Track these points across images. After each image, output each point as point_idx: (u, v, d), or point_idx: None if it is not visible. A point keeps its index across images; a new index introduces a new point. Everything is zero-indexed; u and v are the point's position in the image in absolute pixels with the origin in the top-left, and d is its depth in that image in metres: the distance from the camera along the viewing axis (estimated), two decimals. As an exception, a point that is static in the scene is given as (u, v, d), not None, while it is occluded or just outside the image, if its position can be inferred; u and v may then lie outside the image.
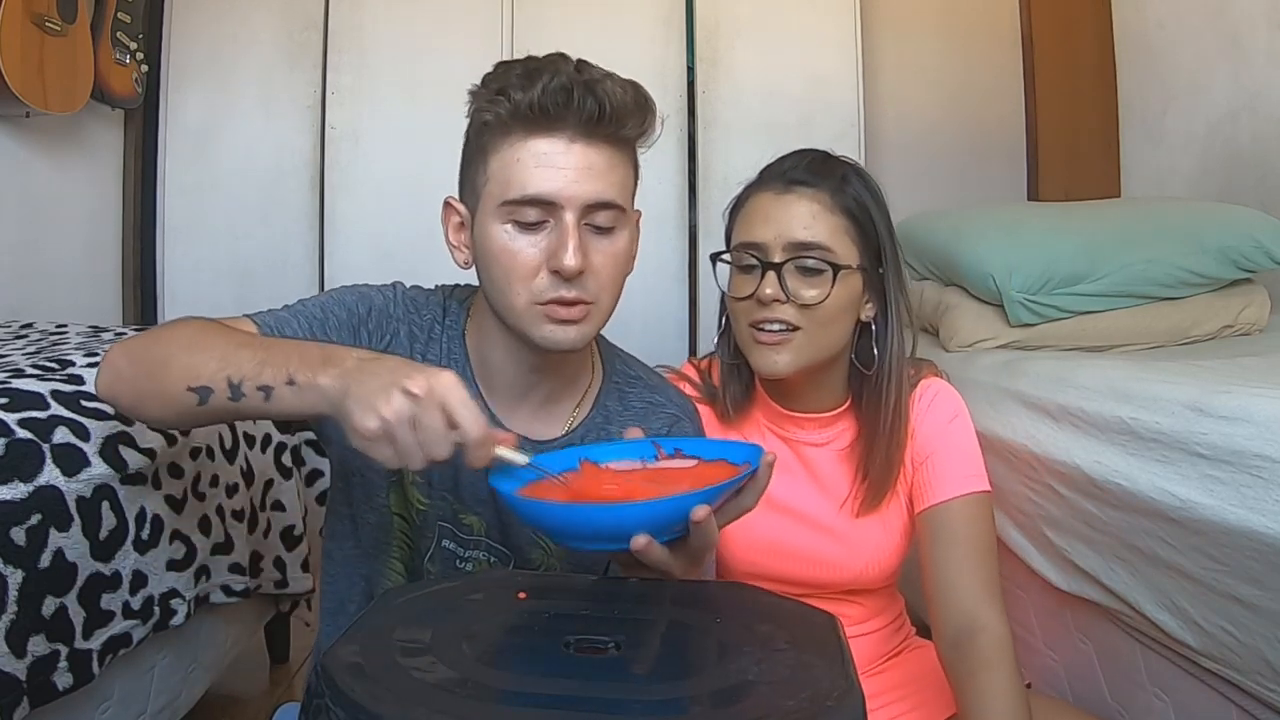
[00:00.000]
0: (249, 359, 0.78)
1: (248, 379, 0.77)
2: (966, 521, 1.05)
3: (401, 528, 0.98)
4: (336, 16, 2.67)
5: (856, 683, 0.61)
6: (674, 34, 2.74)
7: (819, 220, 1.04)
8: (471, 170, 0.91)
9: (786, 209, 1.05)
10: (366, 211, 2.63)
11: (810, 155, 1.09)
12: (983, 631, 0.97)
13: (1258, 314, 1.64)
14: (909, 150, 2.86)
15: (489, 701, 0.58)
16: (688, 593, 0.78)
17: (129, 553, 1.06)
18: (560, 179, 0.85)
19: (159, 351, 0.83)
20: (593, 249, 0.88)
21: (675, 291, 2.73)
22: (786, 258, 1.03)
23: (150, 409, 0.85)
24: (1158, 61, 2.45)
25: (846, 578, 1.12)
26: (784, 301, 1.03)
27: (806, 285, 1.03)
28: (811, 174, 1.06)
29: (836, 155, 1.11)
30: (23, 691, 0.90)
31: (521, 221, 0.86)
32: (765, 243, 1.04)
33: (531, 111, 0.84)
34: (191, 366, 0.79)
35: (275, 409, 0.78)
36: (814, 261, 1.03)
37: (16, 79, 1.90)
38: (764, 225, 1.05)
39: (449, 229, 0.95)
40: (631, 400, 1.03)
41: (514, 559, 0.98)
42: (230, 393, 0.78)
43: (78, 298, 2.40)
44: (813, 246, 1.03)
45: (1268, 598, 0.91)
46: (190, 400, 0.79)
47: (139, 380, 0.84)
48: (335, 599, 1.02)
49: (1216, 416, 0.98)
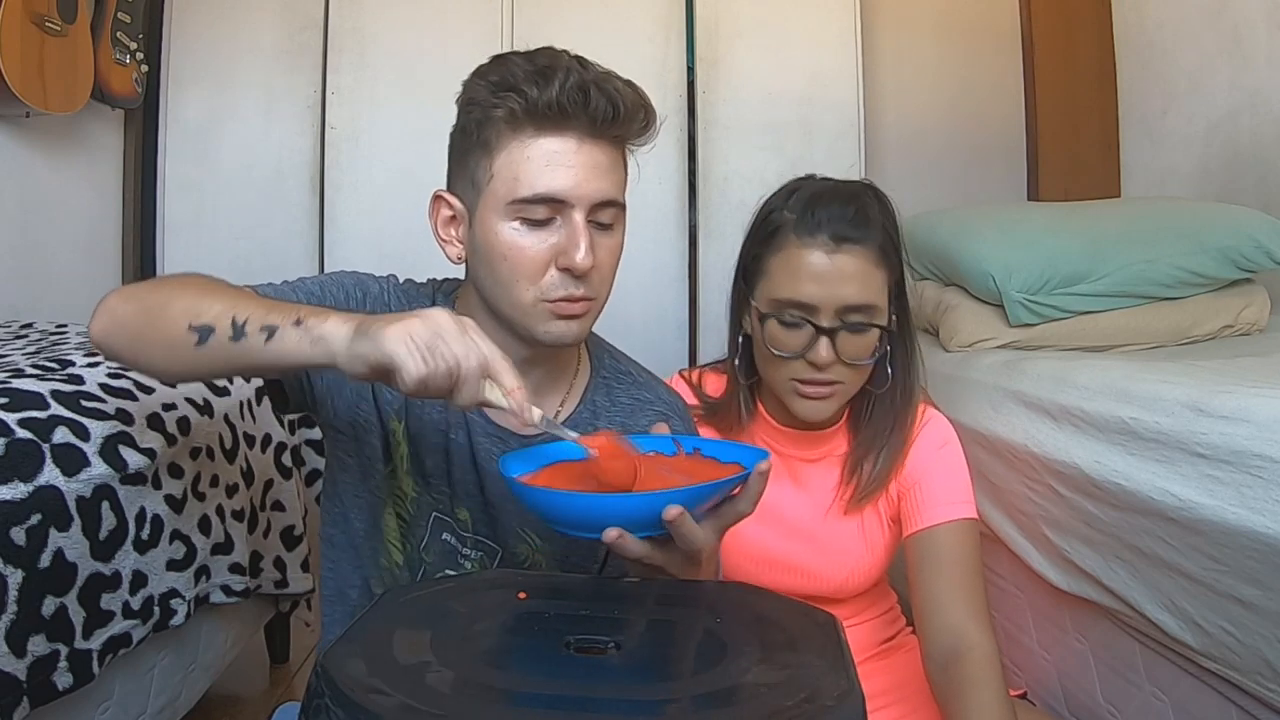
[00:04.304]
0: (255, 304, 0.78)
1: (252, 318, 0.76)
2: (953, 546, 1.05)
3: (397, 512, 0.98)
4: (336, 16, 2.67)
5: (856, 683, 0.61)
6: (674, 34, 2.74)
7: (869, 281, 1.03)
8: (470, 164, 0.89)
9: (838, 271, 1.02)
10: (366, 211, 2.63)
11: (853, 203, 1.05)
12: (970, 650, 0.97)
13: (1258, 314, 1.64)
14: (909, 150, 2.85)
15: (489, 701, 0.58)
16: (688, 593, 0.78)
17: (129, 553, 1.06)
18: (571, 178, 0.85)
19: (161, 295, 0.82)
20: (598, 246, 0.88)
21: (675, 291, 2.73)
22: (838, 322, 1.02)
23: (147, 352, 0.83)
24: (1158, 61, 2.46)
25: (828, 589, 1.13)
26: (836, 363, 1.03)
27: (855, 345, 1.03)
28: (857, 228, 1.03)
29: (862, 186, 1.08)
30: (23, 691, 0.90)
31: (530, 219, 0.86)
32: (816, 305, 1.02)
33: (549, 110, 0.83)
34: (194, 306, 0.78)
35: (277, 352, 0.75)
36: (862, 319, 1.03)
37: (16, 79, 1.90)
38: (814, 286, 1.02)
39: (437, 222, 0.94)
40: (619, 396, 1.02)
41: (501, 553, 0.98)
42: (232, 331, 0.76)
43: (78, 298, 2.39)
44: (863, 309, 1.03)
45: (1267, 598, 0.91)
46: (190, 340, 0.78)
47: (137, 323, 0.82)
48: (335, 588, 1.03)
49: (1216, 416, 0.98)
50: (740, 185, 2.71)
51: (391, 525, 0.98)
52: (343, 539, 1.01)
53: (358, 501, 0.98)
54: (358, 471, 0.97)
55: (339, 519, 1.01)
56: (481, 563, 0.99)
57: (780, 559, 1.13)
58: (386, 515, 0.98)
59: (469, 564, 0.99)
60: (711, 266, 2.70)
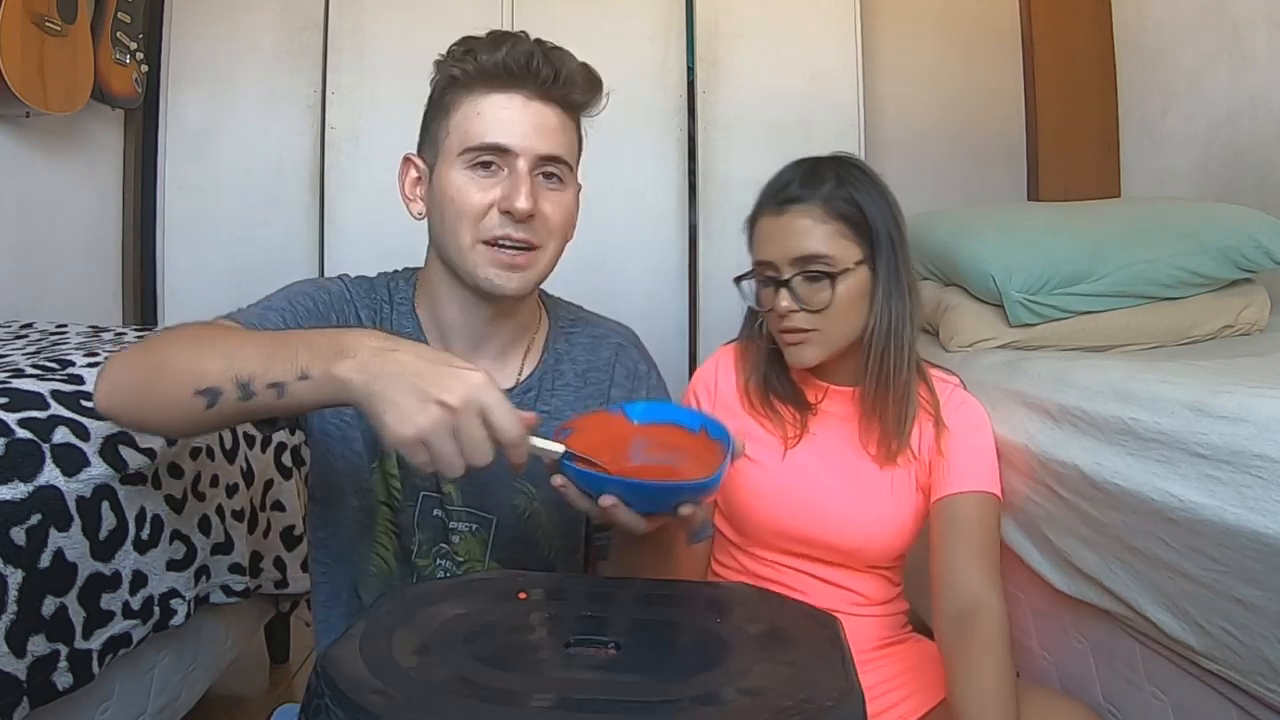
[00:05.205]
0: (253, 354, 0.76)
1: (257, 376, 0.75)
2: (976, 515, 1.15)
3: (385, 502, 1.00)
4: (336, 16, 2.67)
5: (857, 683, 0.61)
6: (674, 34, 2.74)
7: (813, 233, 1.15)
8: (434, 126, 0.98)
9: (784, 228, 1.16)
10: (366, 211, 2.63)
11: (802, 168, 1.19)
12: (983, 609, 1.05)
13: (1258, 314, 1.64)
14: (909, 150, 2.85)
15: (489, 701, 0.58)
16: (688, 593, 0.78)
17: (129, 553, 1.06)
18: (516, 131, 0.93)
19: (157, 357, 0.81)
20: (542, 197, 0.94)
21: (675, 291, 2.73)
22: (793, 272, 1.15)
23: (156, 418, 0.83)
24: (1158, 61, 2.45)
25: (852, 542, 1.19)
26: (797, 310, 1.15)
27: (813, 292, 1.15)
28: (802, 188, 1.16)
29: (827, 157, 1.21)
30: (23, 691, 0.90)
31: (477, 165, 0.93)
32: (774, 261, 1.16)
33: (496, 70, 0.93)
34: (195, 368, 0.77)
35: (290, 405, 0.76)
36: (816, 270, 1.14)
37: (16, 79, 1.90)
38: (769, 245, 1.17)
39: (405, 183, 1.02)
40: (577, 338, 1.09)
41: (496, 519, 1.01)
42: (240, 393, 0.75)
43: (78, 298, 2.39)
44: (812, 258, 1.14)
45: (1267, 598, 0.91)
46: (198, 405, 0.77)
47: (140, 389, 0.81)
48: (329, 592, 1.03)
49: (1216, 416, 0.98)
50: (740, 185, 2.71)
51: (381, 519, 1.00)
52: (334, 540, 1.02)
53: (347, 499, 1.00)
54: (346, 471, 0.99)
55: (329, 520, 1.02)
56: (474, 534, 1.01)
57: (809, 499, 1.20)
58: (377, 508, 0.99)
59: (457, 537, 1.01)
60: (712, 266, 2.70)
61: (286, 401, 0.75)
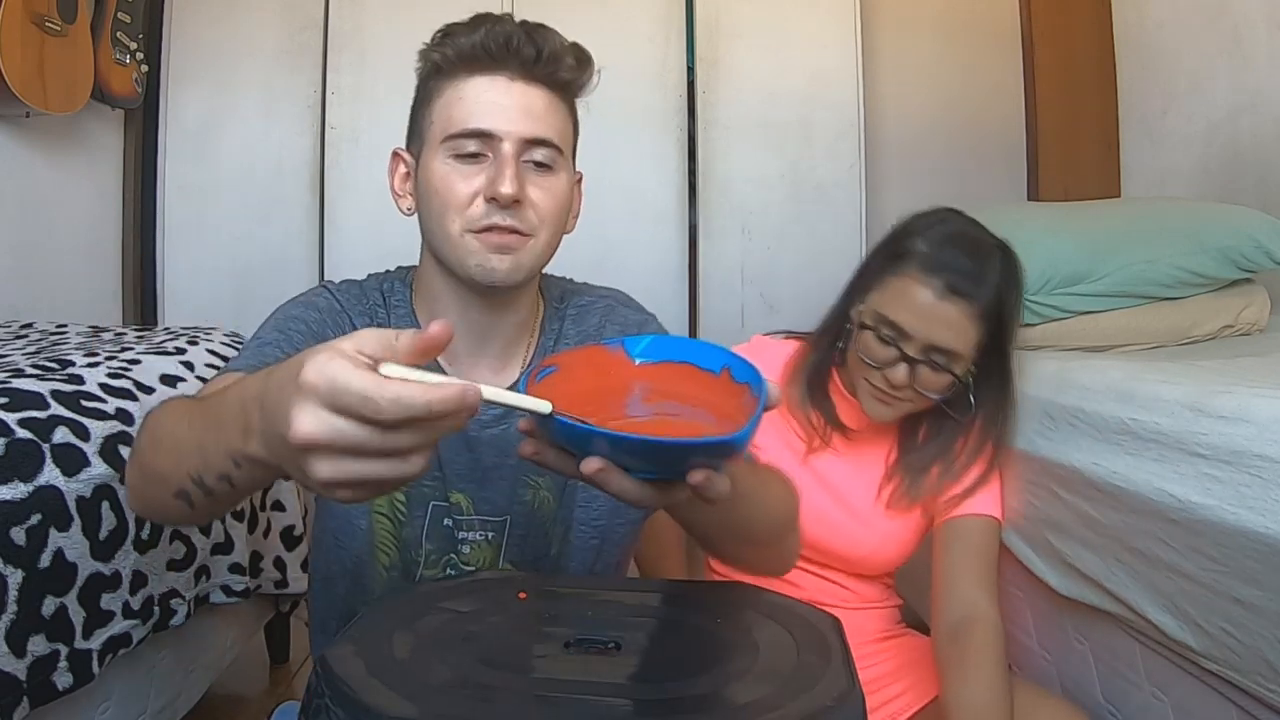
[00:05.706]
0: (191, 447, 0.66)
1: (205, 471, 0.65)
2: (978, 537, 1.20)
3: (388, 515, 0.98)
4: (336, 16, 2.67)
5: (857, 683, 0.61)
6: (674, 34, 2.74)
7: (963, 334, 1.12)
8: (418, 118, 0.95)
9: (939, 315, 1.11)
10: (366, 211, 2.63)
11: (977, 259, 1.13)
12: (980, 620, 1.08)
13: (1258, 314, 1.64)
14: (909, 150, 2.85)
15: (489, 701, 0.58)
16: (689, 593, 0.78)
17: (129, 553, 1.06)
18: (499, 114, 0.89)
19: (146, 459, 0.75)
20: (530, 183, 0.90)
21: (675, 291, 2.73)
22: (923, 357, 1.13)
23: (174, 521, 0.81)
24: (1158, 61, 2.45)
25: (855, 556, 1.22)
26: (909, 387, 1.14)
27: (932, 380, 1.14)
28: (972, 284, 1.11)
29: (995, 246, 1.16)
30: (23, 691, 0.90)
31: (461, 154, 0.90)
32: (909, 334, 1.12)
33: (476, 52, 0.89)
34: (164, 472, 0.70)
35: (250, 488, 0.67)
36: (944, 361, 1.13)
37: (16, 79, 1.90)
38: (915, 319, 1.12)
39: (395, 179, 0.99)
40: (567, 311, 1.05)
41: (509, 518, 0.97)
42: (200, 490, 0.67)
43: (78, 298, 2.39)
44: (950, 353, 1.13)
45: (1268, 598, 0.91)
46: (183, 508, 0.70)
47: (145, 500, 0.78)
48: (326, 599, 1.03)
49: (1216, 416, 0.98)
50: (740, 185, 2.72)
51: (382, 532, 0.98)
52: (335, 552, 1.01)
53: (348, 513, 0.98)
54: None
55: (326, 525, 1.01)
56: (489, 540, 0.98)
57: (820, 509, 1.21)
58: (376, 519, 0.98)
59: (468, 547, 0.98)
60: (712, 266, 2.70)
61: (243, 488, 0.66)
